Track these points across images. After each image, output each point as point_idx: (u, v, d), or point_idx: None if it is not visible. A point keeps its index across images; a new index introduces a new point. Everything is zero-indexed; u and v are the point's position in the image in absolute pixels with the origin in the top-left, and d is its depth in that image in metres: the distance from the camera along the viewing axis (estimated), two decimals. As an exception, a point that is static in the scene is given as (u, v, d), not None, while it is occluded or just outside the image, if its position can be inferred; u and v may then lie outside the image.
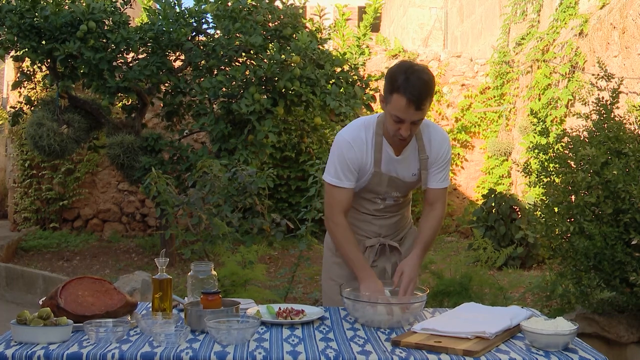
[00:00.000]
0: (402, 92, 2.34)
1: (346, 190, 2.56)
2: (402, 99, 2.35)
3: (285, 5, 7.08)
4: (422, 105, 2.36)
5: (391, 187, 2.61)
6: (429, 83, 2.38)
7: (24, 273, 6.54)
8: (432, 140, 2.58)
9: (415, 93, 2.33)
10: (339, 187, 2.56)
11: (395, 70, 2.41)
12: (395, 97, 2.37)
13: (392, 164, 2.57)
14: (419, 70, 2.38)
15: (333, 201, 2.58)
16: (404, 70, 2.37)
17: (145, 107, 7.36)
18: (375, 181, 2.58)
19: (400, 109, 2.37)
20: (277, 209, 8.68)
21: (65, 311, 2.09)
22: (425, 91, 2.36)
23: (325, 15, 7.66)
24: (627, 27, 6.23)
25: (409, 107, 2.35)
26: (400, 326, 2.20)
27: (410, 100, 2.34)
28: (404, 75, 2.36)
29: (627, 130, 3.37)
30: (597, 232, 3.16)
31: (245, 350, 1.89)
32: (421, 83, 2.35)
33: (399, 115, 2.38)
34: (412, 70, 2.37)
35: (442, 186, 2.62)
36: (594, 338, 3.53)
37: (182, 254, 5.69)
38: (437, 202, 2.63)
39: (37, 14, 6.57)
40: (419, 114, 2.38)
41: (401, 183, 2.60)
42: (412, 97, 2.34)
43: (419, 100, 2.35)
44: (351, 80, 7.04)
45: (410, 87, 2.33)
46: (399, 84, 2.35)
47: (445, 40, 13.87)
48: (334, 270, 2.77)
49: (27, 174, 9.25)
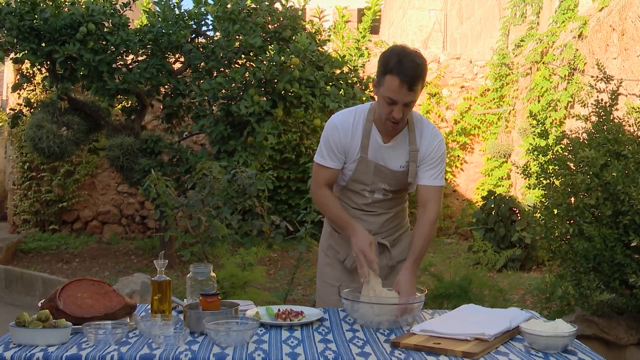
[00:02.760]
0: (395, 73, 2.38)
1: (330, 170, 2.63)
2: (395, 79, 2.38)
3: (285, 7, 7.09)
4: (414, 86, 2.39)
5: (378, 177, 2.60)
6: (422, 66, 2.42)
7: (23, 275, 6.54)
8: (424, 134, 2.59)
9: (407, 74, 2.37)
10: (323, 165, 2.62)
11: (388, 54, 2.45)
12: (388, 78, 2.40)
13: (380, 152, 2.57)
14: (411, 53, 2.43)
15: (318, 177, 2.67)
16: (397, 53, 2.41)
17: (144, 109, 7.36)
18: (362, 169, 2.59)
19: (393, 90, 2.40)
20: (277, 211, 8.68)
21: (64, 313, 2.09)
22: (417, 72, 2.39)
23: (325, 17, 7.67)
24: (627, 29, 6.24)
25: (401, 87, 2.38)
26: (399, 327, 2.20)
27: (403, 81, 2.37)
28: (397, 57, 2.40)
29: (626, 132, 3.37)
30: (597, 234, 3.16)
31: (245, 352, 1.89)
32: (414, 65, 2.39)
33: (392, 96, 2.41)
34: (405, 53, 2.41)
35: (434, 184, 2.59)
36: (594, 340, 3.53)
37: (182, 256, 5.69)
38: (429, 202, 2.59)
39: (36, 16, 6.58)
40: (412, 94, 2.41)
41: (388, 172, 2.59)
42: (405, 77, 2.37)
43: (412, 80, 2.38)
44: (351, 81, 7.04)
45: (403, 69, 2.37)
46: (392, 65, 2.39)
47: (444, 42, 13.88)
48: (326, 272, 2.77)
49: (27, 176, 9.25)
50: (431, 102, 9.80)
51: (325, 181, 2.65)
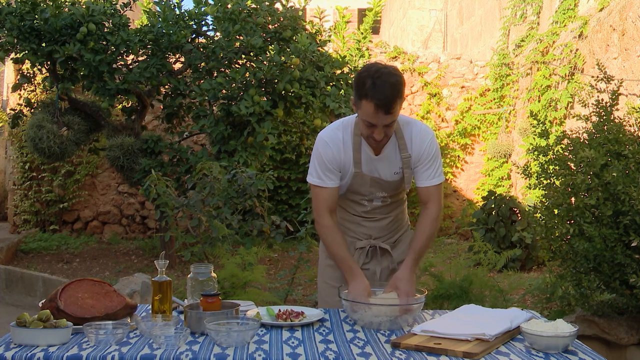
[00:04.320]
0: (369, 99, 2.32)
1: (329, 190, 2.55)
2: (370, 104, 2.33)
3: (285, 8, 7.09)
4: (391, 109, 2.34)
5: (375, 187, 2.58)
6: (397, 86, 2.34)
7: (23, 275, 6.54)
8: (414, 137, 2.54)
9: (382, 98, 2.31)
10: (321, 187, 2.55)
11: (362, 75, 2.38)
12: (364, 103, 2.35)
13: (373, 164, 2.54)
14: (385, 73, 2.34)
15: (318, 202, 2.57)
16: (370, 75, 2.34)
17: (145, 109, 7.36)
18: (358, 182, 2.56)
19: (370, 115, 2.35)
20: (277, 211, 8.69)
21: (64, 313, 2.09)
22: (393, 95, 2.32)
23: (325, 17, 7.67)
24: (627, 29, 6.24)
25: (377, 112, 2.33)
26: (399, 328, 2.20)
27: (378, 106, 2.32)
28: (370, 80, 2.33)
29: (626, 132, 3.37)
30: (597, 234, 3.16)
31: (245, 352, 1.89)
32: (388, 86, 2.32)
33: (370, 120, 2.37)
34: (379, 74, 2.33)
35: (432, 183, 2.57)
36: (594, 340, 3.53)
37: (182, 256, 5.69)
38: (430, 200, 2.58)
39: (37, 16, 6.57)
40: (390, 117, 2.36)
41: (384, 183, 2.57)
42: (380, 102, 2.31)
43: (388, 104, 2.32)
44: (351, 82, 7.04)
45: (378, 93, 2.31)
46: (366, 89, 2.33)
47: (445, 43, 13.88)
48: (327, 272, 2.76)
49: (27, 176, 9.25)
50: (431, 102, 9.80)
51: (328, 205, 2.56)
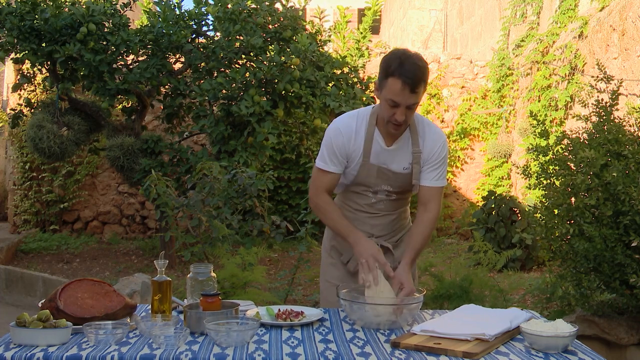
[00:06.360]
0: (397, 76, 2.38)
1: (332, 175, 2.60)
2: (397, 82, 2.38)
3: (285, 8, 7.09)
4: (416, 88, 2.39)
5: (381, 179, 2.60)
6: (423, 68, 2.42)
7: (23, 275, 6.54)
8: (427, 135, 2.59)
9: (410, 76, 2.37)
10: (324, 170, 2.60)
11: (389, 57, 2.45)
12: (391, 81, 2.40)
13: (383, 155, 2.57)
14: (413, 56, 2.43)
15: (318, 182, 2.64)
16: (398, 56, 2.41)
17: (145, 109, 7.36)
18: (364, 172, 2.58)
19: (396, 92, 2.40)
20: (277, 211, 8.69)
21: (64, 313, 2.09)
22: (419, 74, 2.39)
23: (325, 17, 7.67)
24: (627, 29, 6.24)
25: (404, 89, 2.38)
26: (399, 327, 2.20)
27: (405, 83, 2.37)
28: (398, 60, 2.40)
29: (626, 132, 3.37)
30: (597, 234, 3.16)
31: (245, 352, 1.89)
32: (416, 67, 2.39)
33: (394, 98, 2.41)
34: (407, 56, 2.41)
35: (435, 185, 2.60)
36: (594, 340, 3.53)
37: (182, 256, 5.69)
38: (430, 202, 2.60)
39: (37, 16, 6.57)
40: (414, 97, 2.41)
41: (391, 175, 2.59)
42: (407, 79, 2.37)
43: (414, 82, 2.38)
44: (351, 82, 7.04)
45: (405, 71, 2.37)
46: (394, 68, 2.39)
47: (445, 43, 13.88)
48: (329, 271, 2.77)
49: (27, 176, 9.25)
50: (431, 102, 9.80)
51: (326, 187, 2.63)
